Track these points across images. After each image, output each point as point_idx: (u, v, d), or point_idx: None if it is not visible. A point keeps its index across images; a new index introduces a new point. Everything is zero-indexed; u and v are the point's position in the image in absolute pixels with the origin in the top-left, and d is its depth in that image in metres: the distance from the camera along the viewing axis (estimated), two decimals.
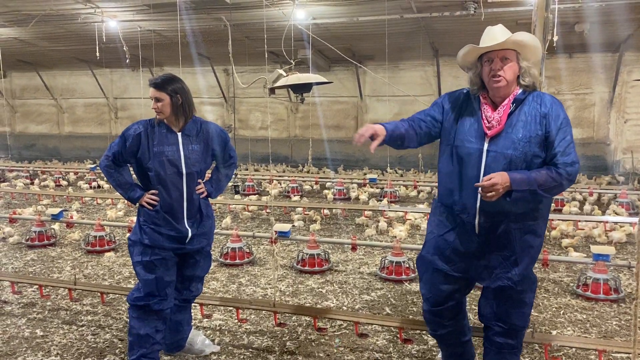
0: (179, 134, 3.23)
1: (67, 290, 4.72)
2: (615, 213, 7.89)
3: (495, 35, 2.58)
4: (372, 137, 2.67)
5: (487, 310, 2.86)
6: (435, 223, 2.85)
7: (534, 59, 2.66)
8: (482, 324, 2.98)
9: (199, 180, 3.33)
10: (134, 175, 3.36)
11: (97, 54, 9.93)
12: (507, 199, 2.48)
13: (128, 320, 3.37)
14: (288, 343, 3.85)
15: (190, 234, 3.27)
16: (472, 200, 2.63)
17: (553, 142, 2.52)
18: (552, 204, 8.28)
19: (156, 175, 3.19)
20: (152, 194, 3.21)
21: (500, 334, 2.84)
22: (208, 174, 3.48)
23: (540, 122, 2.55)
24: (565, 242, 6.30)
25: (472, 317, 3.98)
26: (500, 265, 2.69)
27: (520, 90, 2.63)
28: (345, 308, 4.56)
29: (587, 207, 8.17)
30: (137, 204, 3.28)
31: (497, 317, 2.82)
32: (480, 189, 2.49)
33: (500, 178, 2.44)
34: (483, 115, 2.64)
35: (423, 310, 3.04)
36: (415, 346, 3.77)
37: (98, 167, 12.78)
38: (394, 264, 5.26)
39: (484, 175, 2.55)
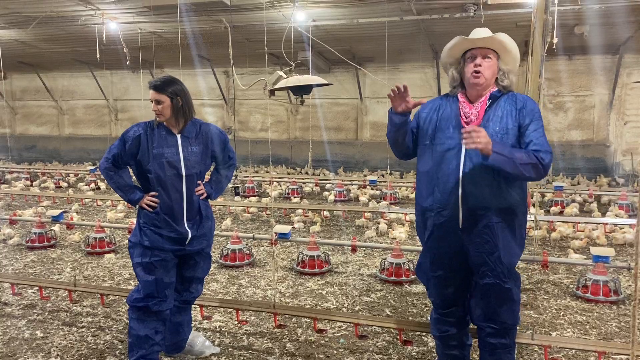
0: (179, 136, 3.24)
1: (67, 291, 4.72)
2: (615, 215, 7.89)
3: (481, 34, 2.71)
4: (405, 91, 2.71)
5: (478, 312, 2.89)
6: (421, 231, 2.94)
7: (512, 65, 2.79)
8: (475, 326, 3.02)
9: (199, 182, 3.33)
10: (134, 177, 3.36)
11: (98, 56, 9.92)
12: (487, 160, 2.51)
13: (128, 321, 3.37)
14: (288, 344, 3.86)
15: (190, 235, 3.28)
16: (454, 195, 2.70)
17: (526, 131, 2.64)
18: (554, 207, 8.36)
19: (156, 177, 3.19)
20: (152, 195, 3.22)
21: (492, 335, 2.88)
22: (208, 175, 3.49)
23: (516, 116, 2.67)
24: (575, 243, 6.27)
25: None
26: (485, 262, 2.74)
27: (496, 89, 2.76)
28: (345, 309, 4.56)
29: (586, 208, 8.18)
30: (137, 206, 3.29)
31: (488, 317, 2.86)
32: (465, 136, 2.49)
33: (484, 132, 2.49)
34: (461, 111, 2.76)
35: (432, 314, 3.08)
36: (415, 348, 3.78)
37: (98, 169, 12.75)
38: (393, 265, 5.27)
39: (464, 168, 2.66)
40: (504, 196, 2.66)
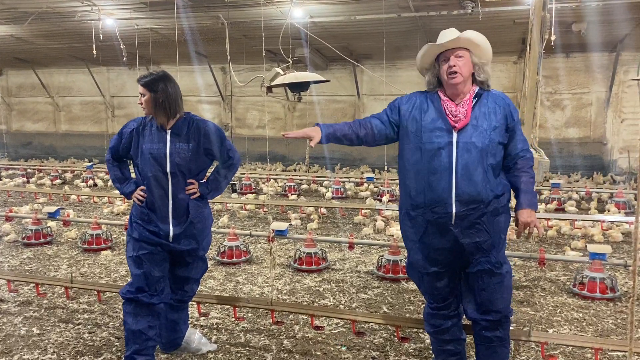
0: (168, 132, 3.21)
1: (63, 288, 4.71)
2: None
3: (448, 36, 2.78)
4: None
5: (472, 305, 2.93)
6: (409, 230, 2.95)
7: (486, 58, 2.86)
8: (470, 323, 3.04)
9: (192, 180, 3.26)
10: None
11: (94, 52, 9.88)
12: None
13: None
14: (285, 341, 3.85)
15: (172, 233, 3.21)
16: (447, 192, 2.74)
17: (514, 132, 2.82)
18: (550, 205, 8.37)
19: (142, 172, 3.20)
20: (142, 189, 3.22)
21: (487, 329, 2.91)
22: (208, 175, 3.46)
23: (502, 114, 2.78)
24: (575, 244, 6.25)
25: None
26: (479, 250, 2.80)
27: (477, 88, 2.84)
28: (342, 306, 4.56)
29: (584, 206, 8.21)
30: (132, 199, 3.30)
31: (482, 309, 2.89)
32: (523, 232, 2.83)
33: (529, 216, 2.77)
34: (446, 111, 2.80)
35: (426, 310, 3.10)
36: (412, 344, 3.78)
37: (94, 166, 12.69)
38: (391, 262, 5.27)
39: (456, 166, 2.72)
40: (491, 188, 2.75)
